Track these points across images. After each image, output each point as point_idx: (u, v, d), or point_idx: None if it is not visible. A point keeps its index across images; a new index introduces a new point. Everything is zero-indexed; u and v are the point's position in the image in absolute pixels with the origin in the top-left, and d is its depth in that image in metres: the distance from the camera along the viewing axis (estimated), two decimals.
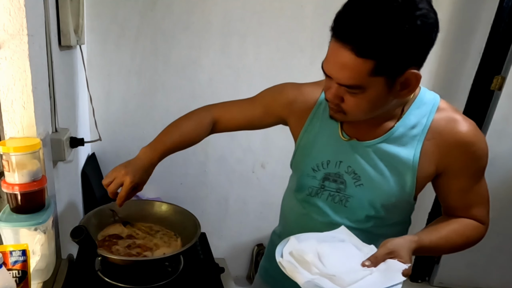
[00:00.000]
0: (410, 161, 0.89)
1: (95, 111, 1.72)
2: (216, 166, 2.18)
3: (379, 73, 0.76)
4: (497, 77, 2.07)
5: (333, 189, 0.97)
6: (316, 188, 0.99)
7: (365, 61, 0.74)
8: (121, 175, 0.94)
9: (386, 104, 0.84)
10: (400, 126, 0.89)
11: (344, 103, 0.83)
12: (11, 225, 0.83)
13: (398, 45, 0.72)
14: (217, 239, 2.31)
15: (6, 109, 0.89)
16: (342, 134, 0.95)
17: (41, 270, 0.90)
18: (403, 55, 0.74)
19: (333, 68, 0.80)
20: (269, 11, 1.91)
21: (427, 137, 0.88)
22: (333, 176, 0.96)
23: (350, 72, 0.76)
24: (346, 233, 0.91)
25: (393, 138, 0.90)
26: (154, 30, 1.87)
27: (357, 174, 0.93)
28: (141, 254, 1.00)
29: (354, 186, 0.94)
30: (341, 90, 0.81)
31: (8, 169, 0.83)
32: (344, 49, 0.75)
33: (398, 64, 0.76)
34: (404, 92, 0.81)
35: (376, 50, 0.73)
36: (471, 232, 0.93)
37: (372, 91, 0.79)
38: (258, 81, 2.03)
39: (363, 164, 0.92)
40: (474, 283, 2.49)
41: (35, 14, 0.89)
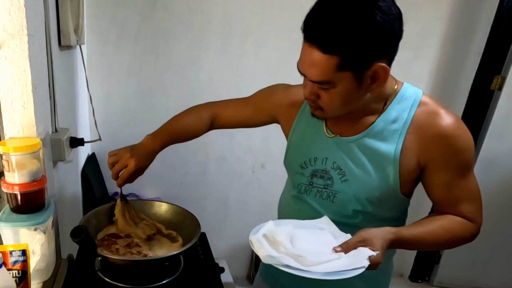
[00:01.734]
0: (391, 155, 0.90)
1: (95, 111, 1.72)
2: (216, 166, 2.18)
3: (345, 67, 0.79)
4: (497, 77, 2.07)
5: (321, 185, 0.99)
6: (305, 185, 1.02)
7: (330, 57, 0.78)
8: (125, 158, 1.01)
9: (359, 98, 0.87)
10: (381, 121, 0.91)
11: (320, 99, 0.87)
12: (11, 225, 0.83)
13: (360, 40, 0.76)
14: (217, 239, 2.31)
15: (6, 109, 0.89)
16: (327, 131, 0.99)
17: (41, 270, 0.90)
18: (366, 49, 0.78)
19: (305, 66, 0.85)
20: (269, 11, 1.91)
21: (409, 131, 0.90)
22: (320, 172, 0.99)
23: (319, 69, 0.81)
24: (327, 222, 0.93)
25: (374, 132, 0.92)
26: (154, 30, 1.88)
27: (342, 170, 0.96)
28: (141, 253, 1.00)
29: (340, 182, 0.96)
30: (314, 87, 0.86)
31: (8, 169, 0.83)
32: (312, 48, 0.80)
33: (363, 58, 0.79)
34: (374, 86, 0.84)
35: (339, 45, 0.77)
36: (458, 229, 0.92)
37: (342, 86, 0.82)
38: (258, 81, 2.02)
39: (347, 160, 0.95)
40: (474, 283, 2.49)
41: (35, 14, 0.89)
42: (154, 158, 1.09)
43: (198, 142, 2.09)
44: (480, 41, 2.03)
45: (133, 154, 1.01)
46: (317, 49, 0.79)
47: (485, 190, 2.47)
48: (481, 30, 2.01)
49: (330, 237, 0.87)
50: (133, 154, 1.01)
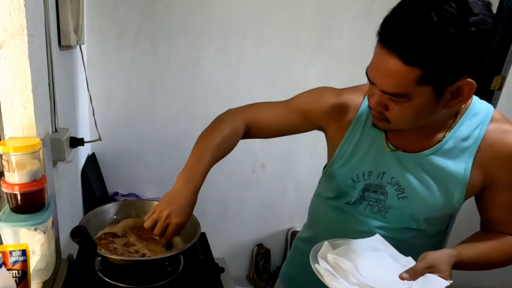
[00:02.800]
0: (460, 175, 0.85)
1: (95, 111, 1.72)
2: (216, 166, 2.16)
3: (427, 81, 0.71)
4: (497, 77, 2.07)
5: (373, 199, 0.94)
6: (355, 198, 0.96)
7: (412, 69, 0.70)
8: (164, 216, 0.87)
9: (433, 113, 0.79)
10: (450, 138, 0.85)
11: (388, 111, 0.80)
12: (11, 225, 0.83)
13: (449, 53, 0.67)
14: (217, 239, 2.31)
15: (6, 109, 0.89)
16: (387, 144, 0.91)
17: (41, 270, 0.90)
18: (454, 64, 0.69)
19: (378, 74, 0.77)
20: (269, 11, 1.91)
21: (479, 150, 0.84)
22: (374, 187, 0.93)
23: (395, 80, 0.73)
24: (381, 242, 0.88)
25: (442, 150, 0.86)
26: (154, 30, 1.88)
27: (401, 186, 0.90)
28: (138, 252, 1.00)
29: (396, 199, 0.91)
30: (384, 98, 0.78)
31: (8, 169, 0.83)
32: (390, 56, 0.71)
33: (448, 73, 0.71)
34: (454, 102, 0.76)
35: (424, 58, 0.69)
36: (511, 249, 0.89)
37: (418, 100, 0.75)
38: (258, 81, 2.04)
39: (409, 176, 0.88)
40: (474, 283, 2.49)
41: (35, 14, 0.89)
42: (194, 207, 0.94)
43: None
44: None
45: (172, 211, 0.87)
46: (396, 58, 0.71)
47: None
48: None
49: (391, 261, 0.83)
50: (171, 211, 0.87)
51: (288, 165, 2.23)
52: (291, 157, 2.21)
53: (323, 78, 2.05)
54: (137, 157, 2.09)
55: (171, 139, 2.08)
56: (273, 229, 2.34)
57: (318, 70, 2.04)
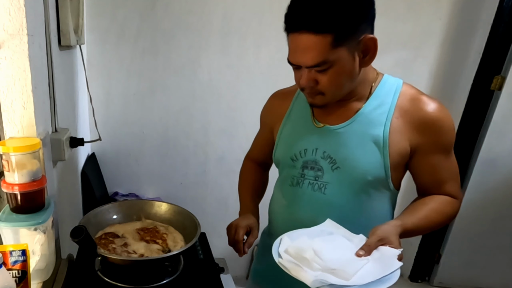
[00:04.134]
0: (380, 138, 0.92)
1: (95, 111, 1.72)
2: (216, 166, 2.18)
3: (339, 43, 0.81)
4: (497, 77, 2.07)
5: (312, 177, 1.00)
6: (296, 177, 1.02)
7: (324, 36, 0.80)
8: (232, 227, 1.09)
9: (355, 75, 0.88)
10: (367, 106, 0.94)
11: (319, 84, 0.88)
12: (11, 225, 0.83)
13: (348, 11, 0.79)
14: (217, 239, 2.30)
15: (6, 109, 0.89)
16: (315, 121, 1.00)
17: (41, 270, 0.90)
18: (354, 20, 0.81)
19: (298, 55, 0.85)
20: (269, 11, 1.91)
21: (395, 115, 0.92)
22: (311, 163, 1.00)
23: (314, 51, 0.82)
24: (333, 225, 0.93)
25: (361, 118, 0.94)
26: (154, 30, 1.88)
27: (333, 158, 0.97)
28: (136, 252, 1.00)
29: (331, 171, 0.97)
30: (311, 73, 0.86)
31: (8, 169, 0.83)
32: (302, 34, 0.81)
33: (353, 29, 0.81)
34: (367, 59, 0.87)
35: (331, 22, 0.79)
36: (447, 208, 0.96)
37: (339, 64, 0.84)
38: (258, 81, 2.03)
39: (337, 147, 0.96)
40: (474, 283, 2.49)
41: (35, 14, 0.89)
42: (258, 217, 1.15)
43: (198, 142, 2.11)
44: (480, 41, 2.03)
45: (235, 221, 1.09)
46: (307, 34, 0.81)
47: (485, 190, 2.48)
48: (481, 30, 2.01)
49: (346, 241, 0.87)
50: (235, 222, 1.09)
51: None
52: None
53: None
54: (137, 157, 2.09)
55: (171, 139, 2.08)
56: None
57: None
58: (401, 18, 1.93)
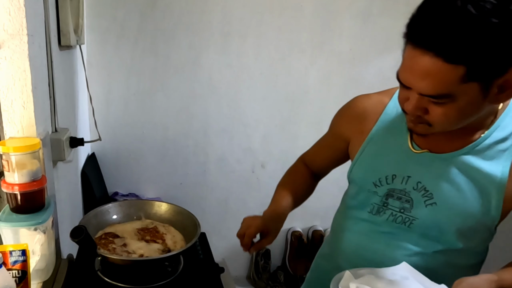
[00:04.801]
0: (497, 178, 0.77)
1: (95, 111, 1.72)
2: (216, 166, 2.18)
3: (472, 78, 0.65)
4: None
5: (396, 208, 0.85)
6: (377, 206, 0.88)
7: (454, 67, 0.64)
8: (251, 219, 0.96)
9: (479, 111, 0.72)
10: (487, 138, 0.78)
11: (429, 114, 0.72)
12: (11, 225, 0.83)
13: (493, 45, 0.61)
14: (217, 239, 2.31)
15: (6, 109, 0.89)
16: (412, 144, 0.84)
17: (41, 270, 0.90)
18: (500, 56, 0.63)
19: (414, 77, 0.69)
20: (269, 11, 1.91)
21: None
22: (398, 193, 0.85)
23: (437, 81, 0.66)
24: (409, 269, 0.81)
25: (477, 150, 0.78)
26: (154, 30, 1.88)
27: (429, 191, 0.82)
28: (135, 252, 1.00)
29: (423, 206, 0.82)
30: (424, 100, 0.71)
31: (8, 169, 0.83)
32: (426, 55, 0.65)
33: (495, 67, 0.64)
34: (502, 96, 0.69)
35: (467, 54, 0.62)
36: None
37: (463, 99, 0.68)
38: (258, 81, 2.04)
39: (437, 180, 0.81)
40: None
41: (35, 14, 0.89)
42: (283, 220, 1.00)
43: (198, 142, 2.11)
44: None
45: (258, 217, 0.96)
46: (435, 57, 0.64)
47: None
48: None
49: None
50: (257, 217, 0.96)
51: (288, 165, 2.22)
52: (291, 157, 2.19)
53: (323, 78, 2.05)
54: (137, 157, 2.09)
55: (171, 139, 2.08)
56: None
57: (318, 70, 2.04)
58: (401, 18, 1.92)
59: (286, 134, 2.14)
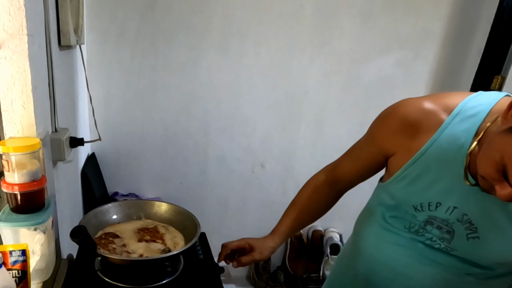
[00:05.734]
0: None
1: (95, 111, 1.72)
2: (216, 166, 2.18)
3: None
4: (497, 77, 2.06)
5: (436, 236, 0.81)
6: (416, 227, 0.83)
7: None
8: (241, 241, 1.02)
9: None
10: None
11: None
12: (11, 225, 0.83)
13: None
14: (217, 239, 2.30)
15: (6, 109, 0.89)
16: (467, 176, 0.73)
17: (40, 270, 0.90)
18: None
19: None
20: (269, 11, 1.91)
21: None
22: (439, 222, 0.79)
23: None
24: None
25: None
26: (154, 30, 1.88)
27: (474, 225, 0.76)
28: (136, 252, 1.00)
29: (465, 239, 0.77)
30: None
31: (7, 169, 0.83)
32: None
33: None
34: None
35: None
36: None
37: None
38: (258, 81, 2.04)
39: (485, 216, 0.75)
40: None
41: (34, 14, 0.89)
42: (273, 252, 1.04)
43: (198, 142, 2.11)
44: (480, 41, 2.03)
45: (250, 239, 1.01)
46: None
47: None
48: (481, 30, 2.01)
49: None
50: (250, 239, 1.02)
51: (288, 165, 2.23)
52: (291, 157, 2.21)
53: (323, 78, 2.05)
54: (137, 157, 2.09)
55: (171, 139, 2.08)
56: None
57: (318, 70, 2.04)
58: (401, 18, 1.93)
59: (286, 134, 2.14)
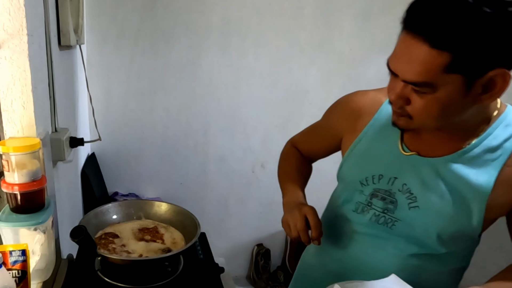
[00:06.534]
0: (481, 187, 0.75)
1: (95, 111, 1.72)
2: (216, 166, 2.18)
3: (456, 69, 0.63)
4: None
5: (380, 208, 0.85)
6: (362, 205, 0.88)
7: (439, 54, 0.62)
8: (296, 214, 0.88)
9: (461, 110, 0.70)
10: (477, 146, 0.75)
11: (410, 105, 0.71)
12: (11, 225, 0.83)
13: (482, 36, 0.59)
14: (217, 239, 2.31)
15: (6, 109, 0.89)
16: (402, 145, 0.82)
17: (40, 270, 0.90)
18: (488, 49, 0.61)
19: (401, 62, 0.68)
20: (269, 11, 1.91)
21: (508, 163, 0.74)
22: (383, 193, 0.84)
23: (420, 66, 0.64)
24: (398, 282, 0.79)
25: (465, 158, 0.76)
26: (154, 30, 1.88)
27: (413, 194, 0.81)
28: (136, 252, 1.00)
29: (407, 208, 0.82)
30: (407, 89, 0.70)
31: (7, 169, 0.83)
32: (416, 40, 0.64)
33: (481, 60, 0.62)
34: (485, 97, 0.67)
35: (454, 41, 0.61)
36: None
37: (444, 91, 0.66)
38: (258, 81, 2.04)
39: (423, 184, 0.80)
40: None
41: (34, 14, 0.89)
42: None
43: (198, 142, 2.11)
44: None
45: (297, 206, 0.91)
46: (423, 42, 0.63)
47: None
48: None
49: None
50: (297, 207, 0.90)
51: None
52: None
53: (323, 78, 2.05)
54: (137, 157, 2.09)
55: (171, 139, 2.08)
56: (273, 229, 2.34)
57: (318, 70, 2.04)
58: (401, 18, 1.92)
59: (286, 134, 2.13)
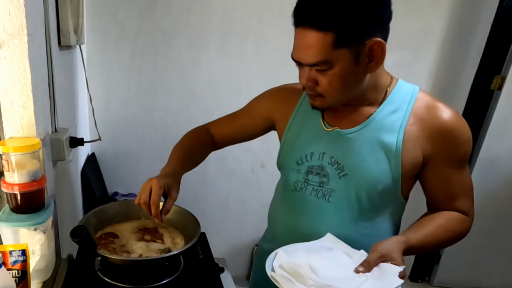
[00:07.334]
0: (393, 145, 0.88)
1: (95, 111, 1.72)
2: (216, 166, 2.18)
3: (341, 44, 0.78)
4: (497, 77, 2.07)
5: (316, 183, 0.95)
6: (300, 183, 0.98)
7: (325, 34, 0.77)
8: (147, 184, 0.93)
9: (358, 79, 0.84)
10: (380, 111, 0.90)
11: (319, 85, 0.85)
12: (11, 225, 0.83)
13: (353, 13, 0.76)
14: (217, 239, 2.31)
15: (5, 109, 0.89)
16: (324, 124, 0.95)
17: (40, 270, 0.90)
18: (360, 22, 0.77)
19: (299, 51, 0.82)
20: (269, 11, 1.91)
21: (410, 122, 0.88)
22: (316, 168, 0.95)
23: (314, 49, 0.79)
24: (333, 240, 0.89)
25: (374, 123, 0.90)
26: (154, 30, 1.88)
27: (341, 164, 0.92)
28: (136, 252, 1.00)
29: (338, 178, 0.93)
30: (312, 72, 0.83)
31: (7, 169, 0.83)
32: (306, 30, 0.79)
33: (358, 32, 0.77)
34: (372, 64, 0.82)
35: (334, 21, 0.76)
36: (457, 226, 0.92)
37: (340, 65, 0.80)
38: (258, 81, 2.03)
39: (346, 153, 0.91)
40: (474, 283, 2.49)
41: (34, 14, 0.89)
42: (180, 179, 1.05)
43: None
44: (480, 41, 2.03)
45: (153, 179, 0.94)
46: (310, 30, 0.78)
47: (485, 190, 2.48)
48: (481, 30, 2.01)
49: (345, 257, 0.84)
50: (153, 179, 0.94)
51: None
52: None
53: None
54: (137, 157, 2.09)
55: (171, 139, 2.07)
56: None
57: None
58: (401, 18, 1.93)
59: None
